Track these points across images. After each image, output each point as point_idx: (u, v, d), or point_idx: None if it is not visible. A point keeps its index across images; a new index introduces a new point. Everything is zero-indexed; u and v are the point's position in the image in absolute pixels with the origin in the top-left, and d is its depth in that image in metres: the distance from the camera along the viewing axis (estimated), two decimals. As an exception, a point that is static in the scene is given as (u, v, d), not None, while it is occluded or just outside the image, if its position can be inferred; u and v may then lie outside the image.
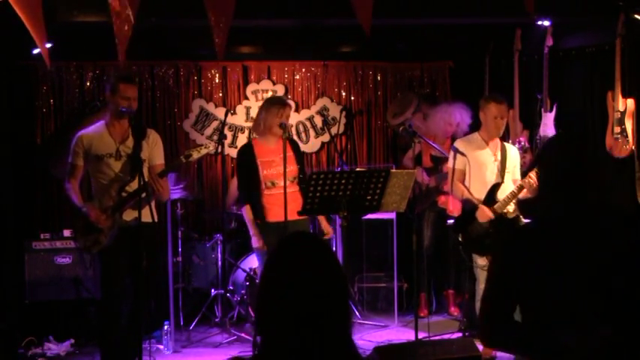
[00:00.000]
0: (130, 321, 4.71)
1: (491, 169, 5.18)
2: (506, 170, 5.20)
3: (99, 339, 4.94)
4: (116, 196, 4.62)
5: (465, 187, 5.22)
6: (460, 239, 5.20)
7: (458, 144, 5.29)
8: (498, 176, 5.17)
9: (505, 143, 5.32)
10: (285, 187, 4.95)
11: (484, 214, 5.06)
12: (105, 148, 4.67)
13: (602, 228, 2.29)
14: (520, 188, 4.99)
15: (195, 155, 4.71)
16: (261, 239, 5.11)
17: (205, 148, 4.82)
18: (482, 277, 5.10)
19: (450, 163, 5.32)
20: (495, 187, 5.12)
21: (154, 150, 4.79)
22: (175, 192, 6.03)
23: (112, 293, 4.66)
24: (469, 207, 5.16)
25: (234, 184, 6.35)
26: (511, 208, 5.10)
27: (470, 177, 5.20)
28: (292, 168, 5.15)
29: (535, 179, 4.95)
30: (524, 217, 5.20)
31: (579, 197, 2.34)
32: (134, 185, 4.57)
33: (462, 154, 5.20)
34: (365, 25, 4.76)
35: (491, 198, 5.11)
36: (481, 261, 5.10)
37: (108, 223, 4.60)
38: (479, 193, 5.14)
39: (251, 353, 4.01)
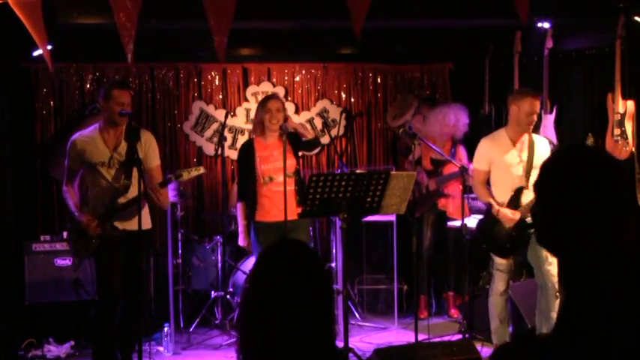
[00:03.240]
0: (123, 324, 4.71)
1: (516, 170, 4.99)
2: (533, 168, 4.96)
3: (93, 340, 4.93)
4: (110, 204, 4.61)
5: (488, 189, 5.11)
6: (483, 241, 5.14)
7: (483, 144, 5.13)
8: (523, 178, 4.97)
9: (535, 136, 5.07)
10: (285, 186, 4.95)
11: (507, 217, 4.94)
12: (98, 156, 4.64)
13: None
14: None
15: (186, 176, 4.70)
16: (247, 238, 5.21)
17: (196, 170, 4.81)
18: (498, 277, 5.09)
19: (473, 163, 5.24)
20: (519, 192, 4.97)
21: (149, 152, 4.76)
22: (170, 193, 6.01)
23: (108, 296, 4.66)
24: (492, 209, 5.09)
25: (235, 187, 6.35)
26: None
27: (493, 179, 5.12)
28: (291, 162, 5.17)
29: None
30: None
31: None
32: (129, 195, 4.57)
33: (487, 154, 5.08)
34: (356, 27, 4.78)
35: (514, 202, 4.98)
36: (500, 260, 5.07)
37: (98, 231, 4.61)
38: (503, 196, 5.02)
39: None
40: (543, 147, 5.07)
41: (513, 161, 5.01)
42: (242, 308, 1.89)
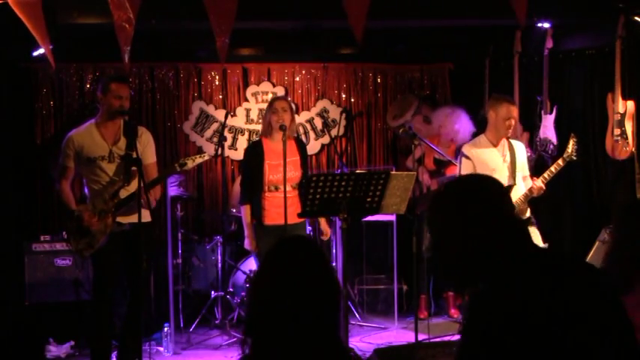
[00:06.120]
0: (127, 322, 4.71)
1: (502, 171, 5.11)
2: (517, 170, 5.16)
3: (90, 340, 4.92)
4: (110, 199, 4.59)
5: None
6: None
7: (465, 149, 5.25)
8: (510, 178, 5.11)
9: (512, 141, 5.26)
10: (285, 190, 4.94)
11: None
12: (97, 150, 4.63)
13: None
14: (532, 191, 5.02)
15: (190, 164, 4.69)
16: (254, 241, 5.16)
17: (200, 157, 4.80)
18: None
19: (458, 169, 5.29)
20: (508, 190, 5.08)
21: (146, 149, 4.77)
22: (171, 189, 6.01)
23: (104, 296, 4.64)
24: None
25: (237, 183, 6.34)
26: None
27: None
28: (297, 174, 5.15)
29: (543, 185, 4.99)
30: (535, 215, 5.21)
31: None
32: (130, 189, 4.56)
33: (469, 158, 5.16)
34: (357, 31, 4.77)
35: None
36: None
37: (100, 226, 4.57)
38: None
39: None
40: (521, 150, 5.26)
41: (498, 162, 5.15)
42: (250, 300, 1.92)
